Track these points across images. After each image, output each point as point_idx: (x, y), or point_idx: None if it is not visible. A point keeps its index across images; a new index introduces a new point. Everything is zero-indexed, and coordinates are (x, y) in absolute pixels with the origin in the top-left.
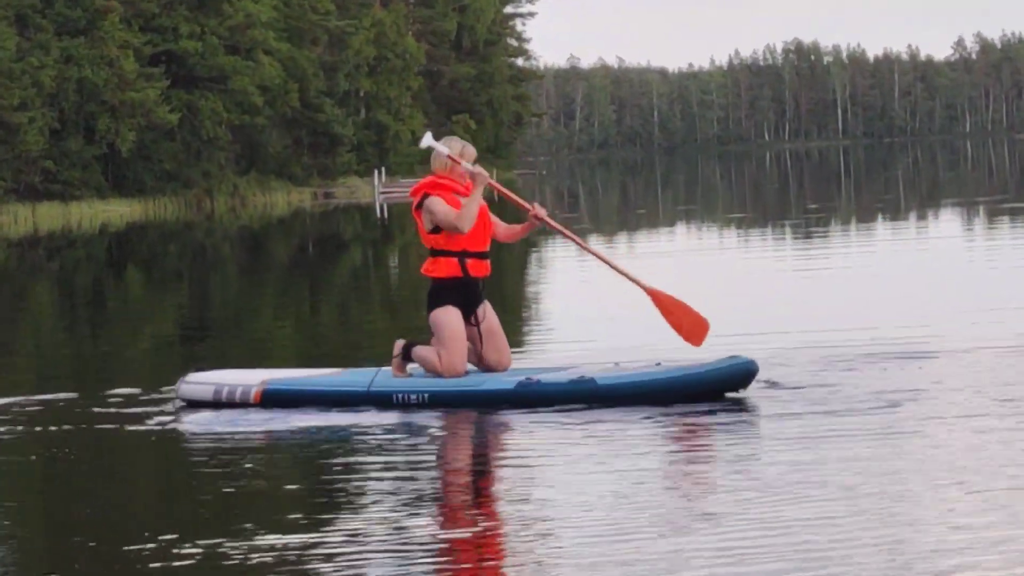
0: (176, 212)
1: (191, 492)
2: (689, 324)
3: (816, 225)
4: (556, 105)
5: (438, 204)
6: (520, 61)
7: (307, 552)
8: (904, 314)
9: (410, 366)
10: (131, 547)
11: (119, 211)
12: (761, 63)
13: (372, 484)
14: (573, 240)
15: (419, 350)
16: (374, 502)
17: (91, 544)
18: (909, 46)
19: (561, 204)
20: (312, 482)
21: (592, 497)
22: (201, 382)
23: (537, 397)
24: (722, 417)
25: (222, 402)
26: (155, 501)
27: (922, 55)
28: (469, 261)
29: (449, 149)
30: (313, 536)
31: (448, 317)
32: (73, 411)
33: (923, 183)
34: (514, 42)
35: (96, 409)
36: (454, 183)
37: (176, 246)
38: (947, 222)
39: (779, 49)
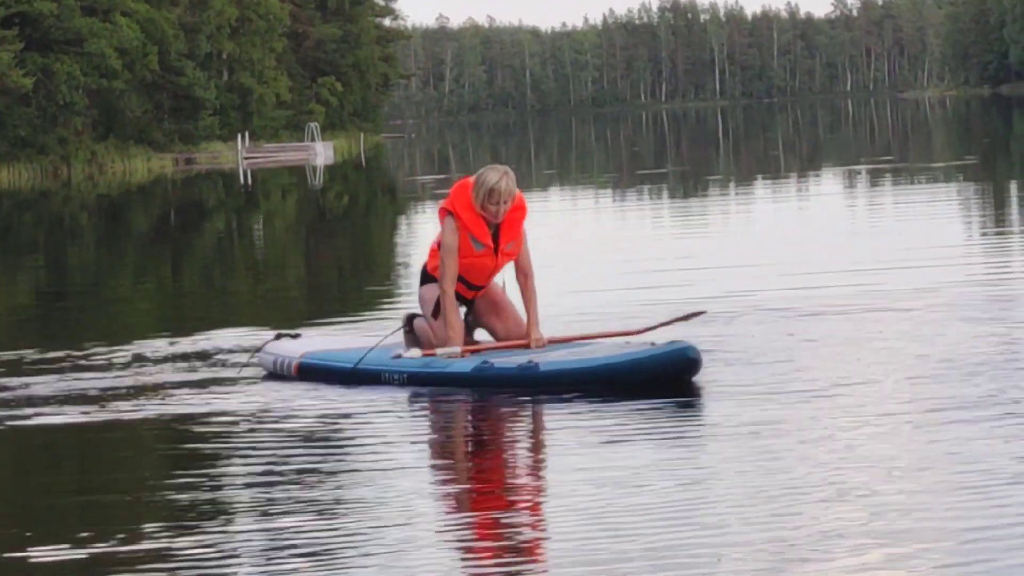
0: (31, 180)
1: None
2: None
3: (693, 189)
4: (425, 66)
5: (448, 238)
6: (387, 21)
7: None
8: (782, 275)
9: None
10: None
11: None
12: (636, 22)
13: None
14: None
15: (418, 322)
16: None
17: None
18: (788, 3)
19: (432, 167)
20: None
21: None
22: (268, 352)
23: (490, 381)
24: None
25: (277, 373)
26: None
27: (801, 12)
28: (460, 285)
29: (489, 181)
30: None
31: (433, 295)
32: None
33: (803, 145)
34: (381, 1)
35: None
36: (479, 222)
37: (31, 215)
38: (825, 184)
39: (654, 7)
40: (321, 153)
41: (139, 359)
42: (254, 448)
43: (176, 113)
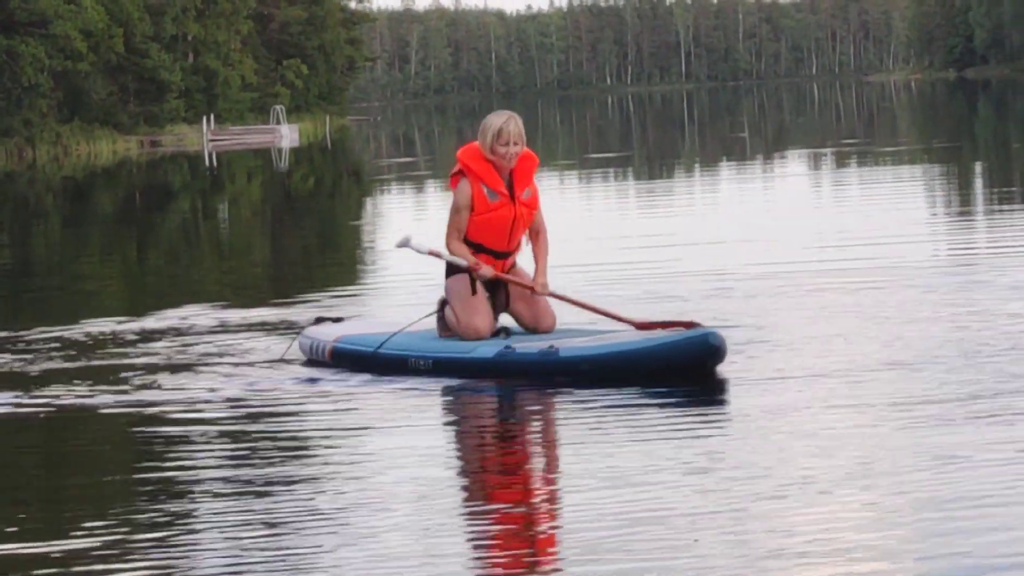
0: None
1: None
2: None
3: (659, 171)
4: (390, 49)
5: (459, 198)
6: (352, 3)
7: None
8: (753, 254)
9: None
10: None
11: None
12: (602, 5)
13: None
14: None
15: (447, 310)
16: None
17: None
18: None
19: (397, 150)
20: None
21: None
22: (307, 336)
23: (512, 367)
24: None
25: (314, 358)
26: None
27: None
28: (481, 255)
29: (494, 125)
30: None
31: (458, 286)
32: None
33: (769, 128)
34: None
35: None
36: (490, 170)
37: None
38: (791, 167)
39: None
40: (287, 136)
41: (101, 340)
42: (237, 437)
43: (141, 95)
